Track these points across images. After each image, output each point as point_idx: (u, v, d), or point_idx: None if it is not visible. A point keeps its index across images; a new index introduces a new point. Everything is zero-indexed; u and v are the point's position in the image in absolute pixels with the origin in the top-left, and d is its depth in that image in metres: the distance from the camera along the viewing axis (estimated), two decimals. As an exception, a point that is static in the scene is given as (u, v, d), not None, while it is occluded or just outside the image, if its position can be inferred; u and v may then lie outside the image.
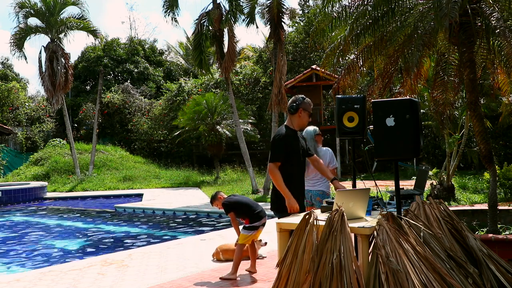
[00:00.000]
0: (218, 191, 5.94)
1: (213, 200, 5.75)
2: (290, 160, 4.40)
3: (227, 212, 5.61)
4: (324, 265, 3.11)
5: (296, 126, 4.54)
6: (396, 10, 5.55)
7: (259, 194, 15.06)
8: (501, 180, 10.17)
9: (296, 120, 4.52)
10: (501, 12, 5.04)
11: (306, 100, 4.55)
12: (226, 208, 5.60)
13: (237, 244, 5.49)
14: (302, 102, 4.50)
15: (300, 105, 4.48)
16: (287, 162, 4.38)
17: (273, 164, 4.33)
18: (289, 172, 4.42)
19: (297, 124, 4.54)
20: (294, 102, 4.51)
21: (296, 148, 4.47)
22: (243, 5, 15.44)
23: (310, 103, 4.59)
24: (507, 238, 4.35)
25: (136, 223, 11.68)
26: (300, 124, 4.55)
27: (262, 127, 23.99)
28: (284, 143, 4.38)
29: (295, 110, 4.49)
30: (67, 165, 22.41)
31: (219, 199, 5.67)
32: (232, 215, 5.61)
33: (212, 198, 5.77)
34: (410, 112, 3.57)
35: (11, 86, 27.79)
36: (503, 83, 6.69)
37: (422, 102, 10.29)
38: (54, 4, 21.16)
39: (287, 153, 4.39)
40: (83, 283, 5.48)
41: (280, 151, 4.36)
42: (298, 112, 4.48)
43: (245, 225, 5.49)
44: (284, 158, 4.37)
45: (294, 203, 4.25)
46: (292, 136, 4.47)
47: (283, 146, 4.37)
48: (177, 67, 35.19)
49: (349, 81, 6.36)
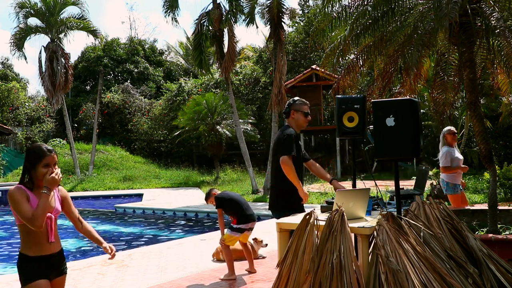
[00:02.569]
0: (212, 188, 5.93)
1: (208, 197, 5.73)
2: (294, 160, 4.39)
3: (217, 206, 5.57)
4: (324, 265, 3.11)
5: (295, 128, 4.50)
6: (396, 10, 5.55)
7: (259, 194, 15.06)
8: (501, 180, 10.17)
9: (293, 123, 4.51)
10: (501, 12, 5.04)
11: (297, 101, 4.51)
12: (217, 202, 5.56)
13: (223, 245, 5.50)
14: (293, 103, 4.50)
15: (291, 107, 4.49)
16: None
17: (287, 157, 4.27)
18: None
19: (295, 126, 4.50)
20: (286, 107, 4.55)
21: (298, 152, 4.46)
22: (243, 5, 15.44)
23: (303, 102, 4.52)
24: (507, 238, 4.35)
25: (136, 223, 11.68)
26: (298, 125, 4.51)
27: (262, 127, 23.98)
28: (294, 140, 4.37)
29: (288, 114, 4.52)
30: (67, 165, 22.42)
31: (212, 195, 5.65)
32: (220, 211, 5.59)
33: (207, 195, 5.75)
34: (410, 112, 3.57)
35: (11, 86, 27.79)
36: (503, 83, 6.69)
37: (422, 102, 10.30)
38: (54, 4, 21.17)
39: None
40: (83, 283, 5.48)
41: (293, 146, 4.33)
42: (291, 114, 4.49)
43: (232, 225, 5.48)
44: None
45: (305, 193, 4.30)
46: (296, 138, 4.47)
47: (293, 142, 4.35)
48: (177, 67, 35.18)
49: (349, 81, 6.36)
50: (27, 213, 2.71)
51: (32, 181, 2.89)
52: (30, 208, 2.75)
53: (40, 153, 2.88)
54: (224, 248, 5.46)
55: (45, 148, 2.91)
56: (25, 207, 2.74)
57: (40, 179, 2.86)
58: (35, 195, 2.85)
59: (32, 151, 2.92)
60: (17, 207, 2.74)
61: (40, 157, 2.86)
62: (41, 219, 2.73)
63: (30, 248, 2.84)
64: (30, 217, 2.71)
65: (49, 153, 2.90)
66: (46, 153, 2.89)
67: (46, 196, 2.78)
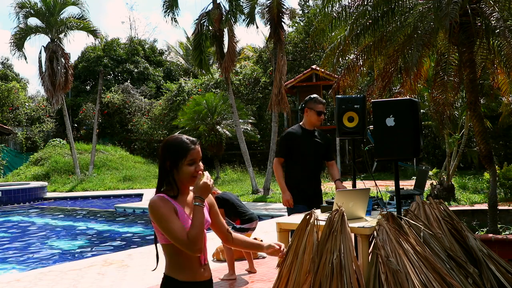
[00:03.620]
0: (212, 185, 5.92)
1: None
2: (292, 158, 4.58)
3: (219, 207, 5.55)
4: (324, 265, 3.11)
5: (307, 125, 4.63)
6: (396, 10, 5.55)
7: (259, 194, 15.06)
8: (501, 180, 10.17)
9: (306, 120, 4.64)
10: (501, 12, 5.04)
11: (313, 99, 4.63)
12: (218, 203, 5.52)
13: (224, 245, 5.50)
14: (308, 101, 4.63)
15: (305, 104, 4.63)
16: (290, 160, 4.60)
17: (275, 159, 4.66)
18: (290, 169, 4.65)
19: (308, 123, 4.64)
20: (302, 103, 4.69)
21: (303, 148, 4.56)
22: (243, 5, 15.44)
23: (318, 101, 4.61)
24: (507, 238, 4.35)
25: (136, 223, 11.68)
26: (310, 123, 4.63)
27: (262, 127, 23.98)
28: (285, 142, 4.60)
29: (302, 111, 4.66)
30: (67, 165, 22.41)
31: (212, 194, 5.63)
32: (222, 212, 5.55)
33: None
34: (410, 112, 3.57)
35: (11, 86, 27.78)
36: (503, 83, 6.69)
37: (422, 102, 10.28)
38: (54, 4, 21.16)
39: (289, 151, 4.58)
40: (83, 283, 5.48)
41: (281, 149, 4.63)
42: (305, 112, 4.62)
43: (235, 225, 5.53)
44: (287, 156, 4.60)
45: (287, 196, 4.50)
46: (301, 136, 4.58)
47: (284, 144, 4.61)
48: (177, 67, 35.17)
49: (349, 81, 6.36)
50: (180, 234, 2.08)
51: (176, 187, 2.21)
52: (183, 227, 2.11)
53: (184, 147, 2.19)
54: (226, 248, 5.46)
55: (187, 140, 2.22)
56: (176, 226, 2.09)
57: (186, 182, 2.22)
58: (181, 205, 2.21)
59: (172, 146, 2.20)
60: (166, 226, 2.09)
61: (184, 152, 2.18)
62: (200, 242, 2.10)
63: (181, 272, 2.23)
64: (185, 240, 2.08)
65: (194, 145, 2.21)
66: (190, 146, 2.20)
67: (201, 209, 2.14)
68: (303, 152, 4.55)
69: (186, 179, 2.20)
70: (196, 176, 2.20)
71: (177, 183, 2.20)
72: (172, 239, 2.10)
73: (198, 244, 2.08)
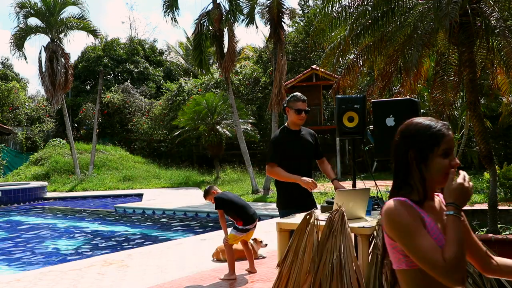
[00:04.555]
0: (211, 185, 5.89)
1: (206, 194, 5.67)
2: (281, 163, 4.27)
3: (217, 207, 5.50)
4: (324, 265, 3.11)
5: (291, 125, 4.38)
6: (396, 10, 5.56)
7: (259, 194, 15.07)
8: (501, 180, 10.18)
9: (289, 120, 4.40)
10: (501, 12, 5.05)
11: (292, 97, 4.38)
12: (217, 203, 5.49)
13: (226, 245, 5.48)
14: (288, 100, 4.38)
15: (286, 104, 4.39)
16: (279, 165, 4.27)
17: (268, 165, 4.31)
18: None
19: (291, 123, 4.38)
20: (284, 103, 4.47)
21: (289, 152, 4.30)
22: (243, 5, 15.45)
23: (297, 98, 4.33)
24: (507, 238, 4.35)
25: (136, 223, 11.68)
26: (292, 122, 4.36)
27: (262, 127, 23.99)
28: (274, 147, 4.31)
29: (284, 111, 4.43)
30: (67, 165, 22.41)
31: (212, 194, 5.59)
32: (221, 212, 5.51)
33: (206, 192, 5.69)
34: (410, 112, 3.57)
35: (11, 86, 27.79)
36: (503, 83, 6.70)
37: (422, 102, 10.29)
38: (54, 4, 21.17)
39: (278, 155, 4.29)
40: (83, 283, 5.48)
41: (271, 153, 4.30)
42: (286, 111, 4.37)
43: (237, 226, 5.46)
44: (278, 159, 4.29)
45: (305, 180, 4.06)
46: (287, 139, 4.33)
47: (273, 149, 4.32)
48: (177, 67, 35.19)
49: (349, 81, 6.37)
50: (433, 254, 1.47)
51: (422, 188, 1.59)
52: (435, 244, 1.49)
53: (435, 132, 1.58)
54: (227, 248, 5.45)
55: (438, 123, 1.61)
56: (427, 243, 1.49)
57: (436, 181, 1.60)
58: (428, 214, 1.59)
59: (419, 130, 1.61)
60: (411, 244, 1.50)
61: (437, 139, 1.57)
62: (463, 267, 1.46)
63: None
64: (441, 263, 1.45)
65: (447, 130, 1.59)
66: (443, 130, 1.59)
67: (458, 221, 1.52)
68: (290, 156, 4.27)
69: (438, 176, 1.58)
70: (449, 173, 1.57)
71: (424, 183, 1.59)
72: (420, 262, 1.50)
73: (460, 269, 1.45)
